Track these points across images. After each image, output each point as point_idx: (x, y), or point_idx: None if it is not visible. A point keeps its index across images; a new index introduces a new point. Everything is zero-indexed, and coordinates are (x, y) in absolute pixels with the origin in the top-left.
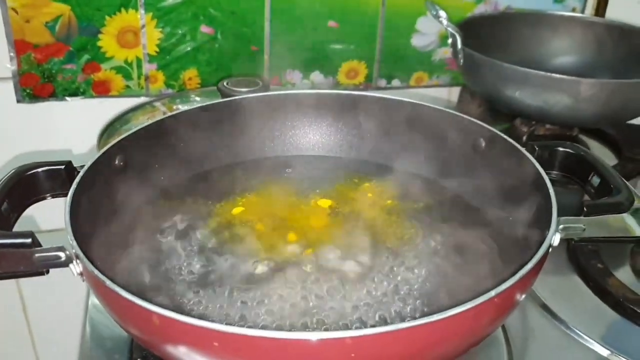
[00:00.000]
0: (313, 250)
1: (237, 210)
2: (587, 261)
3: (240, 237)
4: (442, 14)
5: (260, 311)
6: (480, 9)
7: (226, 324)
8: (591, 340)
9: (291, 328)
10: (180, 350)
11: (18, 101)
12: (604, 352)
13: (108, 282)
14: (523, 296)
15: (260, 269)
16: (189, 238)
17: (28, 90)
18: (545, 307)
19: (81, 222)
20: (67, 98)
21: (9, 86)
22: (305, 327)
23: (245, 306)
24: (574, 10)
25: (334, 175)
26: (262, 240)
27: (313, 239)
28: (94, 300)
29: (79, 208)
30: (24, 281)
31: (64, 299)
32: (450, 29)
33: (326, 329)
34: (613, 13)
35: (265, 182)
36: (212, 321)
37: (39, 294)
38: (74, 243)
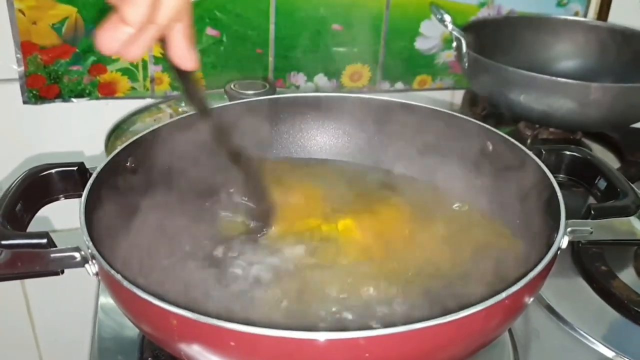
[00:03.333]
0: (323, 252)
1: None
2: (592, 264)
3: (251, 239)
4: (447, 17)
5: (269, 311)
6: (483, 13)
7: (243, 323)
8: (596, 342)
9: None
10: (195, 349)
11: (24, 102)
12: (609, 353)
13: (125, 283)
14: (532, 298)
15: (268, 271)
16: (199, 239)
17: (34, 92)
18: (550, 309)
19: (95, 222)
20: (73, 99)
21: (16, 87)
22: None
23: (253, 305)
24: (576, 14)
25: (342, 181)
26: (272, 243)
27: (322, 242)
28: (102, 301)
29: (93, 209)
30: (28, 282)
31: (68, 300)
32: (455, 33)
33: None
34: (615, 17)
35: (274, 184)
36: (229, 321)
37: (44, 295)
38: (90, 243)
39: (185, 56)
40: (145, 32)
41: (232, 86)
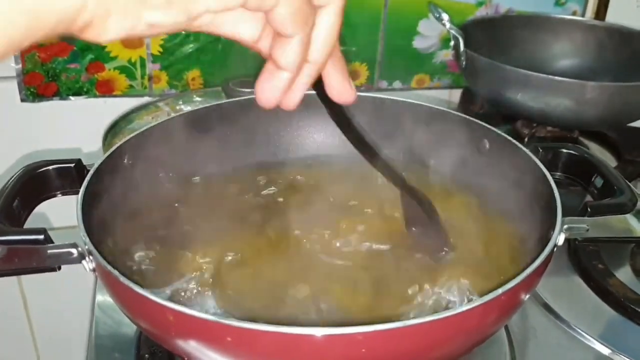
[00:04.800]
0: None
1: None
2: (588, 261)
3: (249, 241)
4: (445, 16)
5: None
6: (481, 12)
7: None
8: (592, 339)
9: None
10: (192, 345)
11: (22, 100)
12: (605, 350)
13: (122, 278)
14: (527, 295)
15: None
16: (195, 237)
17: (32, 89)
18: (547, 307)
19: (92, 219)
20: (71, 97)
21: (13, 85)
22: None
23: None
24: (574, 13)
25: (339, 175)
26: (269, 243)
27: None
28: (99, 299)
29: (90, 205)
30: (26, 281)
31: (66, 299)
32: (453, 32)
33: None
34: (613, 17)
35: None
36: (226, 317)
37: (41, 293)
38: (87, 240)
39: (343, 90)
40: (302, 73)
41: (229, 84)
